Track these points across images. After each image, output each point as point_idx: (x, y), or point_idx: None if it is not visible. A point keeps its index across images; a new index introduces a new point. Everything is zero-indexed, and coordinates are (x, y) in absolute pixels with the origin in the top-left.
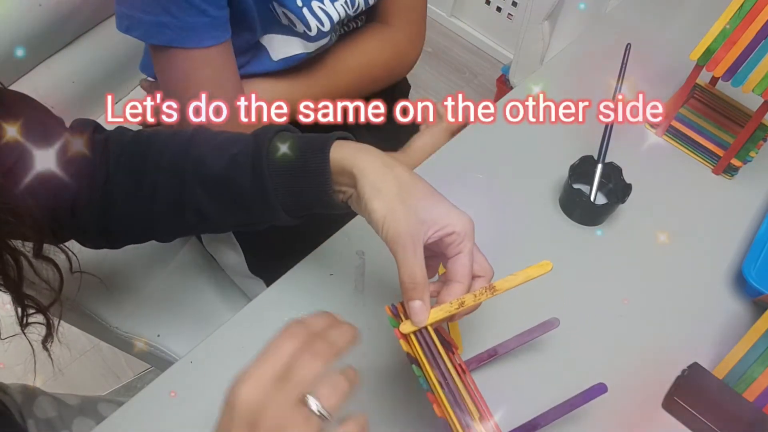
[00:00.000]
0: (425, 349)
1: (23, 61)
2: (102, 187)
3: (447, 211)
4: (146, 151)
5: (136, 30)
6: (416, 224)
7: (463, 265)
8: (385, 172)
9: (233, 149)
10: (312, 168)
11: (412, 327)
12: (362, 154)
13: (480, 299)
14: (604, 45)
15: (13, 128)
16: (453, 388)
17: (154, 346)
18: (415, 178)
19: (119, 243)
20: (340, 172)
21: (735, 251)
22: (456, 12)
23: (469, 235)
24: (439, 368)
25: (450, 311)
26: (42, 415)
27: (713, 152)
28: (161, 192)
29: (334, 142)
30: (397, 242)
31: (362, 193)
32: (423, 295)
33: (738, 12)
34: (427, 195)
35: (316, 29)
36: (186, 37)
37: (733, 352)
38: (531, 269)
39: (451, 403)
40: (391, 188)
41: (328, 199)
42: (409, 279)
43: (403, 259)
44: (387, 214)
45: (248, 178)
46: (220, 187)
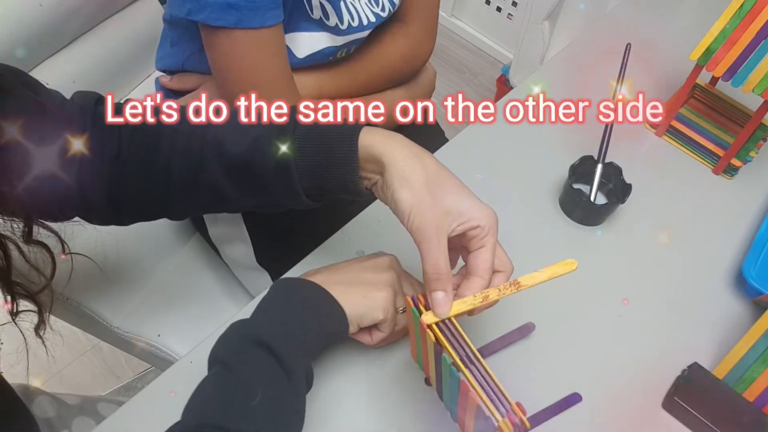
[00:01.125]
0: (450, 338)
1: (23, 61)
2: (112, 161)
3: (473, 204)
4: (159, 129)
5: (200, 13)
6: (442, 216)
7: (485, 260)
8: (414, 161)
9: (255, 131)
10: (340, 154)
11: (434, 318)
12: (392, 142)
13: (504, 294)
14: (604, 45)
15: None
16: (485, 375)
17: (154, 346)
18: (443, 170)
19: (129, 219)
20: (367, 159)
21: (735, 251)
22: (456, 12)
23: (493, 230)
24: (467, 357)
25: (474, 304)
26: (41, 414)
27: (713, 152)
28: (176, 170)
29: (363, 128)
30: (422, 233)
31: (390, 182)
32: (446, 286)
33: (738, 12)
34: (454, 187)
35: (347, 23)
36: (252, 17)
37: (733, 352)
38: (557, 267)
39: (485, 390)
40: (420, 179)
41: (354, 186)
42: (433, 270)
43: (427, 250)
44: (414, 205)
45: (272, 161)
46: (241, 169)
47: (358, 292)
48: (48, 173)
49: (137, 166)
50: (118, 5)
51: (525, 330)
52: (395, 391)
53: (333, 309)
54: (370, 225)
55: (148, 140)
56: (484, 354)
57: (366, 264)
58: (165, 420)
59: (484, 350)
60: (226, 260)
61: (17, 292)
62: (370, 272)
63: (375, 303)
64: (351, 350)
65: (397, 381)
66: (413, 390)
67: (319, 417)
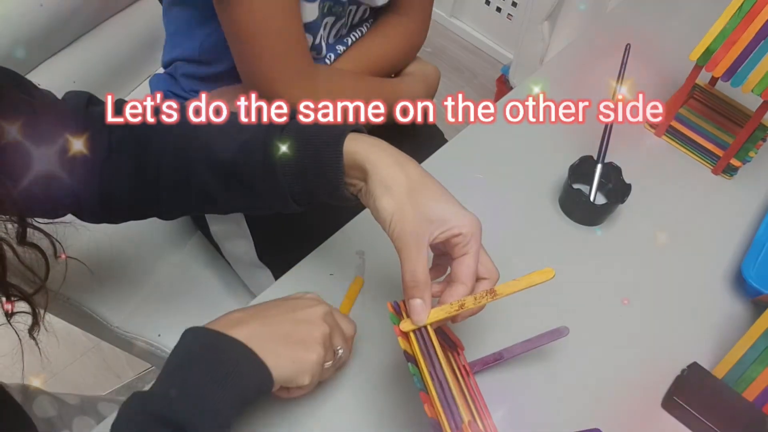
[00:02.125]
0: (423, 348)
1: (23, 61)
2: (103, 161)
3: (455, 211)
4: (150, 131)
5: None
6: (423, 224)
7: (468, 267)
8: (397, 170)
9: (244, 135)
10: (325, 160)
11: (411, 325)
12: (376, 149)
13: (480, 302)
14: (604, 45)
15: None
16: (446, 390)
17: (154, 346)
18: (426, 177)
19: (120, 218)
20: (352, 166)
21: (734, 251)
22: (456, 12)
23: (476, 237)
24: (434, 368)
25: (450, 312)
26: (42, 414)
27: (713, 152)
28: (165, 172)
29: (348, 135)
30: (402, 240)
31: (372, 190)
32: (424, 294)
33: (737, 12)
34: (436, 195)
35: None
36: None
37: (732, 352)
38: (534, 275)
39: (443, 404)
40: (401, 186)
41: (339, 192)
42: (410, 277)
43: (406, 258)
44: (395, 213)
45: (259, 165)
46: (229, 173)
47: (288, 356)
48: (41, 173)
49: (127, 166)
50: (119, 5)
51: (557, 333)
52: (393, 390)
53: (259, 373)
54: (370, 225)
55: (139, 141)
56: (505, 356)
57: (299, 315)
58: None
59: (506, 352)
60: (227, 257)
61: (12, 294)
62: (303, 326)
63: (303, 367)
64: (352, 353)
65: (396, 379)
66: (412, 389)
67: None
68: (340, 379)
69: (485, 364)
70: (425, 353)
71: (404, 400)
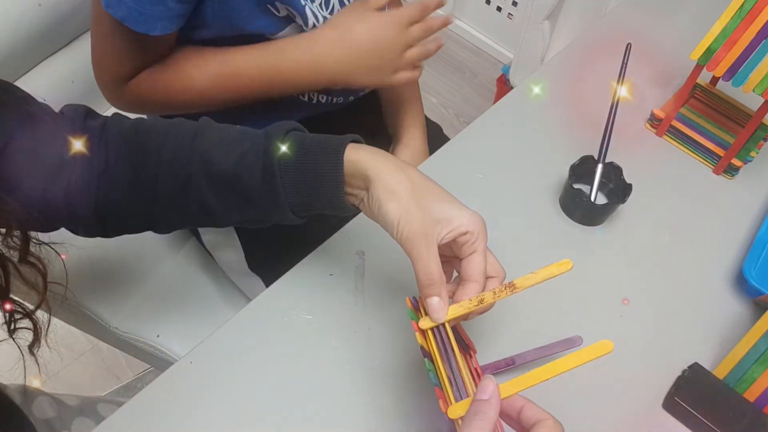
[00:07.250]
0: (440, 345)
1: (22, 61)
2: (100, 175)
3: (460, 211)
4: (147, 142)
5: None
6: (430, 223)
7: (478, 264)
8: (399, 174)
9: (242, 146)
10: (325, 170)
11: (431, 323)
12: (377, 157)
13: (500, 297)
14: (604, 45)
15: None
16: (461, 387)
17: (153, 347)
18: (427, 180)
19: (114, 232)
20: (353, 174)
21: (735, 251)
22: (456, 12)
23: (482, 235)
24: (450, 366)
25: (469, 308)
26: (41, 415)
27: (714, 152)
28: (163, 185)
29: (348, 145)
30: (411, 241)
31: (376, 196)
32: (440, 291)
33: (738, 12)
34: (439, 196)
35: (312, 25)
36: (139, 21)
37: (733, 353)
38: (552, 267)
39: (458, 400)
40: (405, 190)
41: (339, 202)
42: (425, 276)
43: (417, 257)
44: (402, 215)
45: (258, 177)
46: (228, 184)
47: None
48: (38, 186)
49: (124, 179)
50: None
51: (570, 342)
52: (398, 389)
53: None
54: (370, 225)
55: (136, 154)
56: (517, 362)
57: None
58: (165, 420)
59: (518, 358)
60: (220, 265)
61: (15, 310)
62: None
63: None
64: (353, 353)
65: (400, 379)
66: (417, 388)
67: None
68: (347, 375)
69: (497, 368)
70: (442, 350)
71: (409, 400)
